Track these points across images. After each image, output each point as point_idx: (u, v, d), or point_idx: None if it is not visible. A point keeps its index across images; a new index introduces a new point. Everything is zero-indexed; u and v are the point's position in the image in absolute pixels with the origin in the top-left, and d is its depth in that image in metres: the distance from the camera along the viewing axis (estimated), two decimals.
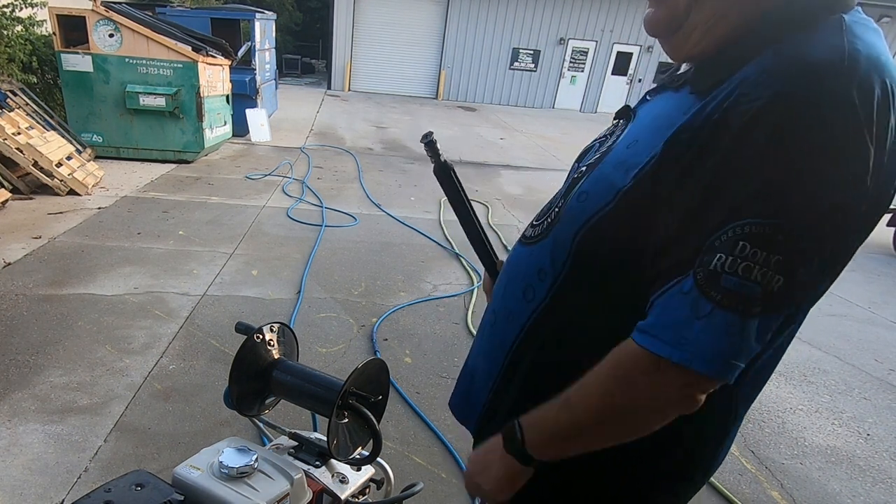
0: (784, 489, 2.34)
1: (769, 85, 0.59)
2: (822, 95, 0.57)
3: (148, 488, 0.92)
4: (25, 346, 2.73)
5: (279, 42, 14.57)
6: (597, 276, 0.76)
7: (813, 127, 0.57)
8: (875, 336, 3.96)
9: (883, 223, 5.96)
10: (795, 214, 0.58)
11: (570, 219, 0.77)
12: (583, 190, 0.77)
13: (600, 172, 0.76)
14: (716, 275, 0.60)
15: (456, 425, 2.47)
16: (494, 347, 0.91)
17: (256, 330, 1.14)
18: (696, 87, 0.71)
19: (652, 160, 0.68)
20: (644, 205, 0.68)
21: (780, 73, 0.60)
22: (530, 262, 0.84)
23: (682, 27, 0.72)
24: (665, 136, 0.67)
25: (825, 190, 0.58)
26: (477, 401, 1.00)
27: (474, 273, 4.19)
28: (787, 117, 0.58)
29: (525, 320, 0.83)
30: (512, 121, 14.02)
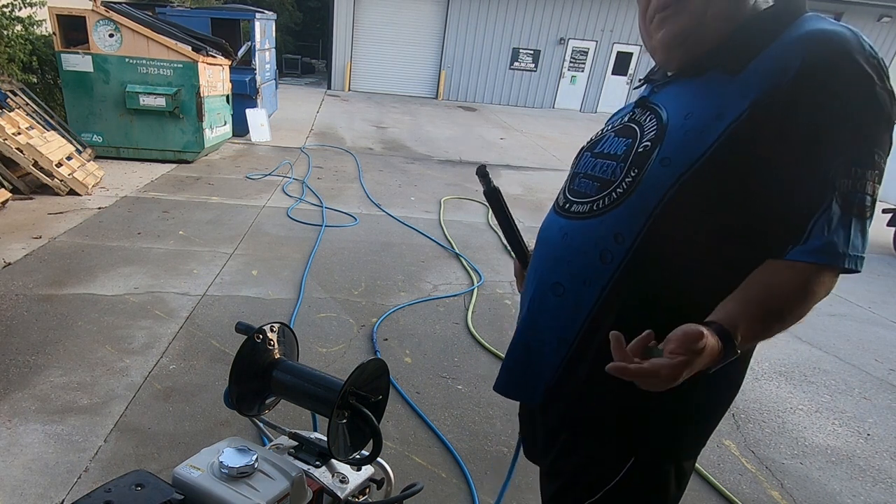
0: (784, 489, 2.34)
1: (817, 51, 0.81)
2: (854, 51, 0.80)
3: (148, 488, 0.92)
4: (25, 346, 2.73)
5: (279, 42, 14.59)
6: (687, 224, 0.89)
7: (862, 73, 0.79)
8: (875, 336, 3.96)
9: (883, 223, 5.96)
10: (876, 137, 0.81)
11: (656, 182, 0.90)
12: (664, 156, 0.91)
13: (674, 141, 0.91)
14: (846, 194, 0.80)
15: (456, 425, 2.48)
16: (567, 315, 1.00)
17: (257, 330, 1.14)
18: (728, 69, 0.89)
19: (732, 125, 0.85)
20: (736, 157, 0.85)
21: (818, 40, 0.82)
22: (602, 230, 0.95)
23: (689, 38, 0.92)
24: (725, 108, 0.86)
25: (883, 114, 0.81)
26: (543, 370, 1.05)
27: (474, 273, 4.19)
28: (844, 70, 0.80)
29: (605, 282, 0.95)
30: (512, 121, 14.02)
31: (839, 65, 0.80)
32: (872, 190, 0.81)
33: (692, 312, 0.90)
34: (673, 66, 0.99)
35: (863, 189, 0.80)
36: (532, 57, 17.48)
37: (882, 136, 0.81)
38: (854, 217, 0.80)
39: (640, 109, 1.01)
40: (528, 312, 1.09)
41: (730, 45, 0.89)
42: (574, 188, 1.05)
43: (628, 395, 0.96)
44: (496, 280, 4.16)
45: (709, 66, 0.91)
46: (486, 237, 5.12)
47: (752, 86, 0.84)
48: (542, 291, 1.05)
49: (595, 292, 0.96)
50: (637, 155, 0.94)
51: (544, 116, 15.79)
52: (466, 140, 10.53)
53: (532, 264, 1.13)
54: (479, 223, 5.50)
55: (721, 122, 0.86)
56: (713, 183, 0.87)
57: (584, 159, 1.06)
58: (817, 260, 0.81)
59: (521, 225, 1.28)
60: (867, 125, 0.80)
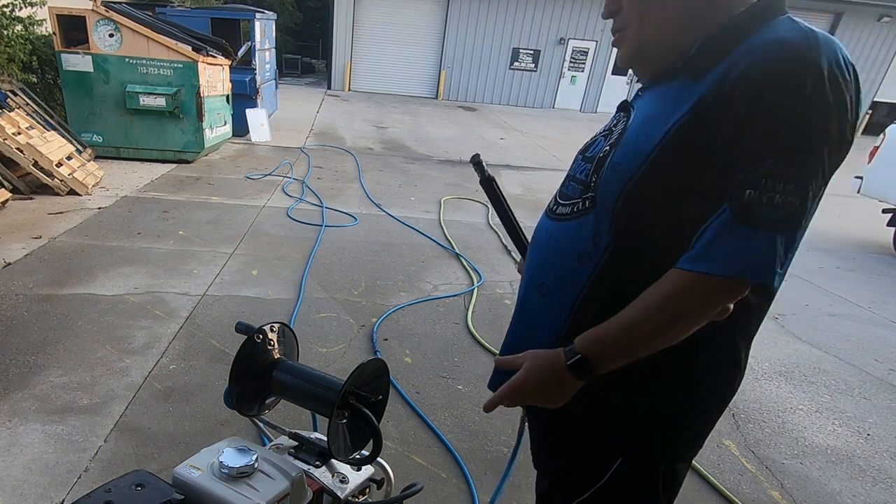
0: (784, 489, 2.34)
1: (760, 58, 0.79)
2: (797, 60, 0.77)
3: (148, 488, 0.92)
4: (25, 346, 2.73)
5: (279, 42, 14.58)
6: (643, 227, 0.90)
7: (797, 83, 0.76)
8: (875, 336, 3.96)
9: (883, 223, 5.97)
10: (799, 150, 0.76)
11: (608, 187, 0.92)
12: (615, 161, 0.92)
13: (626, 145, 0.92)
14: (749, 205, 0.77)
15: (456, 425, 2.48)
16: (552, 315, 1.02)
17: (257, 330, 1.15)
18: (691, 74, 0.88)
19: (674, 126, 0.85)
20: (675, 162, 0.85)
21: (766, 48, 0.79)
22: (581, 233, 0.97)
23: (641, 51, 0.96)
24: (675, 110, 0.86)
25: (814, 128, 0.77)
26: None
27: (474, 273, 4.19)
28: (779, 79, 0.77)
29: (583, 283, 0.97)
30: (512, 121, 14.02)
31: (777, 73, 0.77)
32: (785, 203, 0.76)
33: None
34: (642, 76, 1.02)
35: (771, 202, 0.76)
36: (532, 57, 17.47)
37: (813, 151, 0.77)
38: (753, 228, 0.77)
39: (621, 113, 1.04)
40: (517, 312, 1.12)
41: (700, 50, 0.89)
42: (563, 190, 1.07)
43: (612, 396, 0.98)
44: (496, 280, 4.16)
45: (680, 71, 0.92)
46: (486, 237, 5.12)
47: (702, 87, 0.85)
48: (531, 291, 1.07)
49: (574, 293, 0.98)
50: (598, 160, 0.97)
51: (544, 116, 15.79)
52: (466, 140, 10.53)
53: (525, 265, 1.15)
54: (479, 223, 5.50)
55: (666, 124, 0.87)
56: (660, 184, 0.87)
57: (576, 162, 1.08)
58: (692, 267, 0.80)
59: (522, 225, 1.29)
60: (792, 137, 0.77)
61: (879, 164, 5.97)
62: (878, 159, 6.02)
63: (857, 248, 6.01)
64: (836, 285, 4.82)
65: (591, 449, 1.04)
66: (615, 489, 1.02)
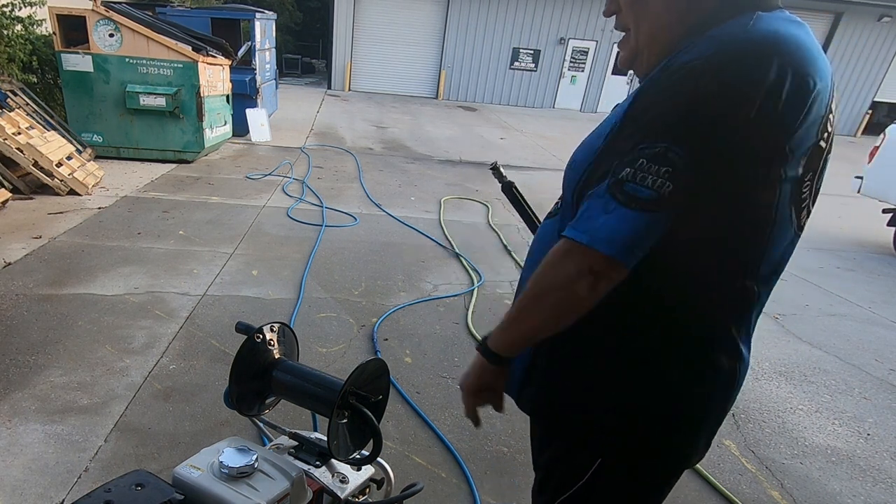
0: (784, 489, 2.34)
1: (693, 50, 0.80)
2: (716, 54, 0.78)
3: (148, 488, 0.92)
4: (25, 346, 2.73)
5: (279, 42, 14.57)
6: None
7: (704, 75, 0.76)
8: (875, 336, 3.96)
9: (883, 223, 5.96)
10: (682, 137, 0.76)
11: (567, 185, 0.97)
12: (574, 159, 0.97)
13: (584, 145, 0.97)
14: (621, 182, 0.78)
15: (456, 425, 2.48)
16: None
17: (256, 330, 1.15)
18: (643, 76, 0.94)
19: (620, 112, 0.88)
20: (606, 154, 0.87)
21: (702, 42, 0.81)
22: (554, 229, 1.00)
23: (638, 57, 0.98)
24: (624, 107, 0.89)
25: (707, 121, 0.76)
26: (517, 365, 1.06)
27: (474, 273, 4.19)
28: (687, 71, 0.78)
29: None
30: (512, 121, 14.02)
31: (693, 67, 0.78)
32: (656, 185, 0.76)
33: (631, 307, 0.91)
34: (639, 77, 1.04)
35: (642, 182, 0.77)
36: (532, 57, 17.47)
37: (693, 141, 0.76)
38: (620, 204, 0.78)
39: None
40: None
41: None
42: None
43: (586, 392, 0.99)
44: (496, 280, 4.16)
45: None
46: (486, 237, 5.12)
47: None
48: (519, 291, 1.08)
49: None
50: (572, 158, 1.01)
51: (544, 116, 15.79)
52: (466, 140, 10.52)
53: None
54: (479, 223, 5.50)
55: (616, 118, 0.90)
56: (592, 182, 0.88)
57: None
58: (566, 233, 0.83)
59: (522, 225, 1.30)
60: (675, 125, 0.77)
61: (879, 164, 5.97)
62: (878, 159, 6.01)
63: (857, 248, 6.01)
64: (836, 285, 4.82)
65: (569, 448, 1.04)
66: (596, 488, 1.02)
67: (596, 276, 0.80)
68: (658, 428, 0.97)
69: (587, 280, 0.81)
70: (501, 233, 5.17)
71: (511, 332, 0.93)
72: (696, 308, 0.90)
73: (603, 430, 0.98)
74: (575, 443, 1.03)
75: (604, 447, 0.99)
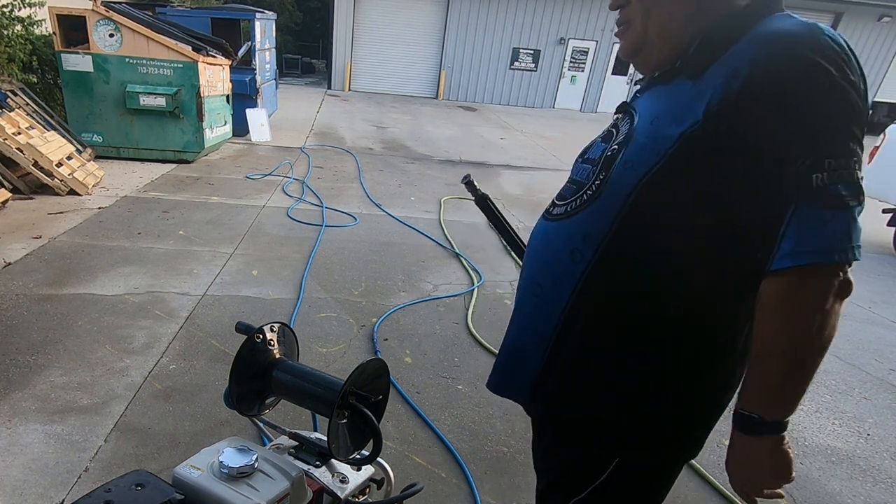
0: (784, 489, 2.34)
1: (766, 51, 0.81)
2: (805, 45, 0.79)
3: (148, 488, 0.92)
4: (25, 346, 2.72)
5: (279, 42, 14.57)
6: (653, 224, 0.90)
7: (809, 68, 0.78)
8: (875, 336, 3.96)
9: (883, 223, 5.96)
10: (845, 126, 0.78)
11: (619, 185, 0.92)
12: (627, 160, 0.92)
13: (638, 144, 0.92)
14: (821, 189, 0.77)
15: (456, 425, 2.48)
16: (545, 313, 1.02)
17: (256, 330, 1.14)
18: (690, 74, 0.90)
19: (689, 129, 0.85)
20: (693, 165, 0.86)
21: (768, 41, 0.81)
22: (572, 231, 0.98)
23: (644, 46, 0.97)
24: (685, 112, 0.87)
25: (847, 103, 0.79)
26: (527, 369, 1.06)
27: (474, 273, 4.19)
28: (796, 66, 0.79)
29: (576, 281, 0.97)
30: (512, 121, 14.02)
31: (787, 64, 0.79)
32: (852, 176, 0.78)
33: (662, 312, 0.92)
34: (641, 70, 1.03)
35: (840, 178, 0.77)
36: (532, 57, 17.47)
37: (849, 125, 0.79)
38: (834, 209, 0.78)
39: (621, 114, 1.04)
40: (514, 312, 1.12)
41: (697, 50, 0.90)
42: (560, 192, 1.08)
43: (607, 394, 0.99)
44: (496, 280, 4.16)
45: (678, 72, 0.93)
46: (486, 237, 5.12)
47: (707, 90, 0.85)
48: (526, 292, 1.08)
49: (567, 291, 0.98)
50: (606, 158, 0.97)
51: (544, 116, 15.79)
52: (466, 140, 10.52)
53: (522, 268, 1.16)
54: (479, 223, 5.50)
55: (679, 126, 0.87)
56: (675, 185, 0.87)
57: (575, 165, 1.10)
58: (794, 263, 0.79)
59: (522, 225, 1.29)
60: (832, 116, 0.79)
61: (879, 164, 5.97)
62: (878, 159, 6.01)
63: None
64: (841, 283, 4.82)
65: (587, 449, 1.04)
66: (613, 487, 1.02)
67: (846, 284, 0.80)
68: (675, 428, 0.99)
69: (843, 293, 0.81)
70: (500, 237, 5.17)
71: (794, 388, 0.86)
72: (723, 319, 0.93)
73: (623, 433, 0.99)
74: (592, 445, 1.03)
75: (621, 448, 1.00)
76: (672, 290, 0.91)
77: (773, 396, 0.86)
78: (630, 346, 0.96)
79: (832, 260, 0.78)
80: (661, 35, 0.94)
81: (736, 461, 0.92)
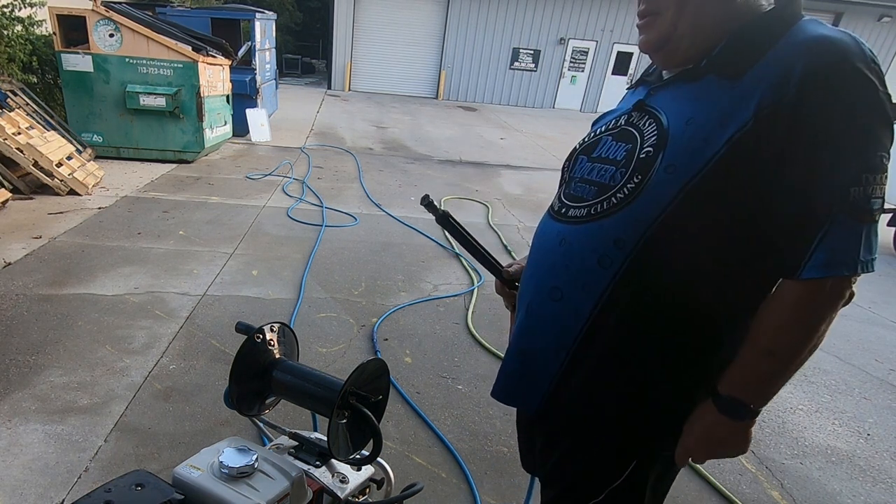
0: (784, 489, 2.34)
1: (820, 58, 0.80)
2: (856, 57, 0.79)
3: (148, 488, 0.92)
4: (25, 346, 2.72)
5: (279, 42, 14.58)
6: (691, 230, 0.89)
7: (864, 79, 0.79)
8: (875, 336, 3.96)
9: (883, 223, 5.96)
10: (881, 142, 0.80)
11: (660, 190, 0.89)
12: (669, 163, 0.90)
13: (677, 147, 0.90)
14: (855, 203, 0.80)
15: (456, 425, 2.47)
16: (566, 320, 1.00)
17: (257, 330, 1.14)
18: (727, 74, 0.88)
19: (741, 131, 0.84)
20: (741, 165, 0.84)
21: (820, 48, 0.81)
22: (601, 235, 0.95)
23: (670, 40, 0.93)
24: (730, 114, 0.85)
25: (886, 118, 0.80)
26: (541, 376, 1.04)
27: (474, 273, 4.19)
28: (849, 77, 0.79)
29: (604, 287, 0.94)
30: (512, 121, 14.02)
31: (843, 72, 0.79)
32: (882, 192, 0.81)
33: (693, 319, 0.92)
34: (662, 65, 1.01)
35: (873, 194, 0.80)
36: (532, 57, 17.48)
37: (886, 140, 0.81)
38: (866, 224, 0.81)
39: (637, 113, 1.00)
40: (525, 318, 1.08)
41: (727, 50, 0.89)
42: (571, 192, 1.04)
43: (632, 402, 0.99)
44: None
45: (706, 71, 0.91)
46: (486, 237, 5.12)
47: (755, 93, 0.84)
48: (541, 297, 1.04)
49: (594, 298, 0.95)
50: (640, 161, 0.93)
51: (544, 116, 15.79)
52: (466, 140, 10.52)
53: (528, 271, 1.11)
54: (479, 223, 5.50)
55: (725, 129, 0.85)
56: (719, 191, 0.86)
57: (580, 164, 1.05)
58: (826, 273, 0.82)
59: (522, 225, 1.29)
60: (873, 131, 0.80)
61: None
62: None
63: None
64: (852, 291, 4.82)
65: (605, 454, 1.04)
66: (631, 487, 1.03)
67: (852, 293, 0.87)
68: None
69: (847, 302, 0.87)
70: (501, 233, 5.17)
71: (781, 384, 0.91)
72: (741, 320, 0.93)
73: (645, 436, 0.99)
74: (612, 449, 1.03)
75: (641, 450, 1.00)
76: (700, 295, 0.91)
77: (765, 388, 0.90)
78: (656, 351, 0.95)
79: (855, 272, 0.82)
80: (694, 30, 0.91)
81: (706, 437, 0.95)
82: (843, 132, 0.79)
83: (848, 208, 0.80)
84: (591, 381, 0.99)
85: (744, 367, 0.90)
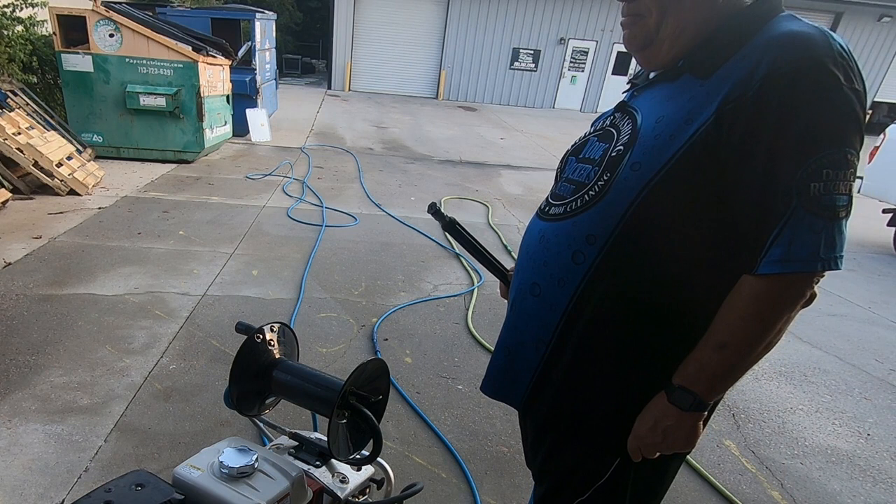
0: (784, 489, 2.34)
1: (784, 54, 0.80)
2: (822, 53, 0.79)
3: (148, 488, 0.92)
4: (25, 346, 2.72)
5: (279, 42, 14.58)
6: (659, 226, 0.89)
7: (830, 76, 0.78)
8: (875, 336, 3.96)
9: (883, 223, 5.96)
10: (846, 138, 0.79)
11: (626, 186, 0.91)
12: (635, 161, 0.91)
13: (644, 145, 0.91)
14: (817, 198, 0.78)
15: (456, 425, 2.47)
16: (544, 315, 1.01)
17: (257, 330, 1.14)
18: (698, 73, 0.89)
19: (701, 127, 0.85)
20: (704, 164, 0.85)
21: (786, 44, 0.81)
22: (574, 231, 0.97)
23: (653, 42, 0.94)
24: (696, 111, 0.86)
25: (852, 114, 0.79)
26: (523, 370, 1.06)
27: (474, 273, 4.19)
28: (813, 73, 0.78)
29: (578, 282, 0.96)
30: (512, 121, 14.02)
31: (806, 68, 0.79)
32: (847, 189, 0.80)
33: (666, 316, 0.93)
34: (645, 65, 1.01)
35: (836, 190, 0.79)
36: (532, 57, 17.48)
37: (852, 136, 0.80)
38: (826, 219, 0.79)
39: (619, 113, 1.02)
40: (510, 313, 1.12)
41: (700, 49, 0.90)
42: (555, 191, 1.07)
43: (609, 396, 1.00)
44: (496, 280, 4.14)
45: (683, 70, 0.92)
46: (486, 237, 5.12)
47: (721, 90, 0.84)
48: (523, 293, 1.06)
49: (569, 292, 0.97)
50: (610, 159, 0.96)
51: (544, 116, 15.79)
52: (466, 140, 10.53)
53: (516, 268, 1.15)
54: (479, 223, 5.50)
55: (690, 126, 0.86)
56: (682, 187, 0.87)
57: (569, 164, 1.08)
58: (782, 270, 0.81)
59: (522, 224, 1.29)
60: (836, 127, 0.79)
61: (879, 164, 5.96)
62: (878, 159, 6.01)
63: (857, 248, 6.00)
64: (836, 285, 4.82)
65: (589, 451, 1.04)
66: (616, 486, 1.03)
67: (813, 294, 0.85)
68: None
69: (808, 302, 0.86)
70: (501, 232, 5.17)
71: (733, 379, 0.90)
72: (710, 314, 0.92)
73: (624, 432, 0.99)
74: (594, 446, 1.03)
75: (623, 447, 1.00)
76: (672, 289, 0.92)
77: (717, 382, 0.90)
78: (631, 345, 0.96)
79: (815, 269, 0.81)
80: (675, 33, 0.92)
81: (653, 426, 0.94)
82: (803, 128, 0.79)
83: (807, 203, 0.79)
84: (569, 375, 1.01)
85: (697, 358, 0.90)
